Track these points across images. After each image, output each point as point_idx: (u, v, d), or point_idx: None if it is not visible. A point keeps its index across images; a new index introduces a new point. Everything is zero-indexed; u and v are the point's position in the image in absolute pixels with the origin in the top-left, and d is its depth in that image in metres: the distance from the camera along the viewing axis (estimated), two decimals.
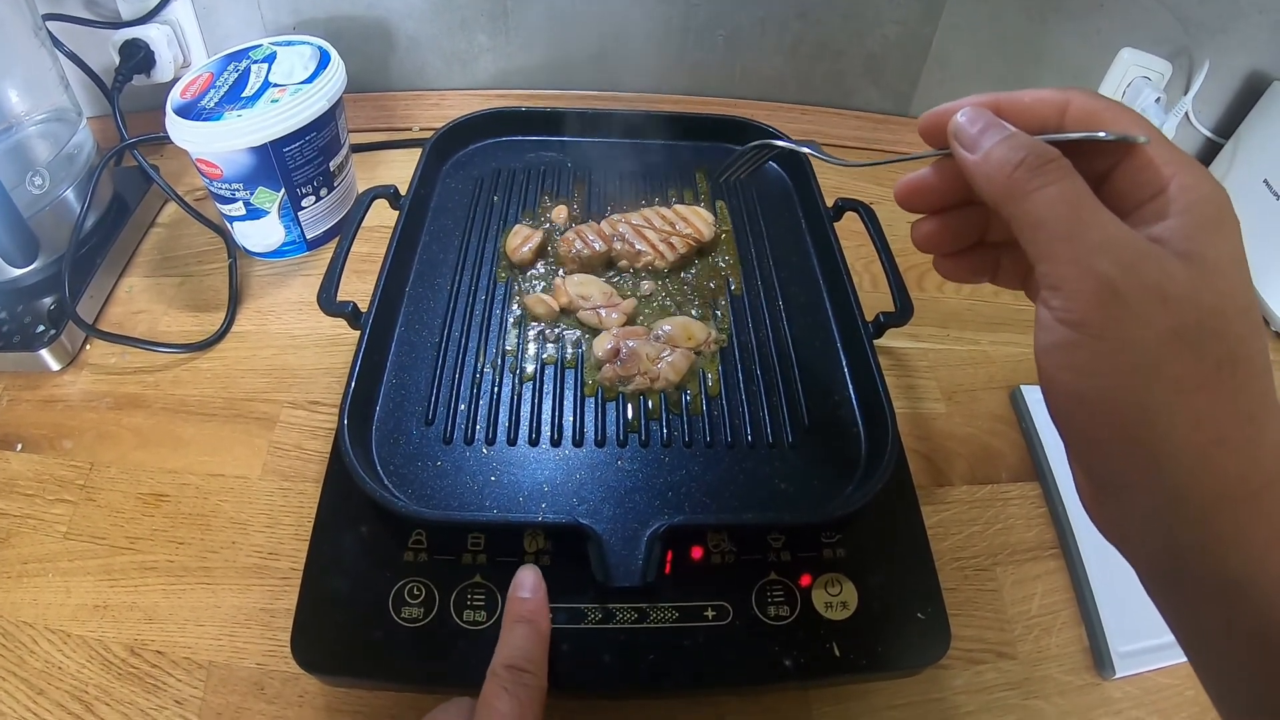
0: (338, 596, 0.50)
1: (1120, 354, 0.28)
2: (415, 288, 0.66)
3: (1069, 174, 0.30)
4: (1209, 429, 0.28)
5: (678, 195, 0.77)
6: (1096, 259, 0.28)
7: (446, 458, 0.55)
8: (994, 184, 0.32)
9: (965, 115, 0.34)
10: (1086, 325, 0.29)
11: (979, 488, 0.67)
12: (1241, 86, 0.94)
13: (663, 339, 0.61)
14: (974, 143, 0.33)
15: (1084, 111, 0.33)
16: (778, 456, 0.56)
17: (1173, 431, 0.28)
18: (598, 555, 0.49)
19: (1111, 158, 0.32)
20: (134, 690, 0.53)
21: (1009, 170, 0.31)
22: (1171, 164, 0.31)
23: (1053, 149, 0.31)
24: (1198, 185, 0.30)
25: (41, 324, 0.70)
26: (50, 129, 0.74)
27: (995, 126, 0.33)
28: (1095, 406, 0.30)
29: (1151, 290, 0.28)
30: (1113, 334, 0.28)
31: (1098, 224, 0.29)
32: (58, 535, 0.60)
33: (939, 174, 0.38)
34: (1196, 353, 0.28)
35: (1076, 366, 0.30)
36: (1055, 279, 0.30)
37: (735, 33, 0.96)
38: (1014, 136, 0.32)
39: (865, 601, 0.51)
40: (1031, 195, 0.30)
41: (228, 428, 0.67)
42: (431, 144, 0.75)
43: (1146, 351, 0.28)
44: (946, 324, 0.80)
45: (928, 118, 0.36)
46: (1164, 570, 0.32)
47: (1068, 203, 0.30)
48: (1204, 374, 0.28)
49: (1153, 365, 0.28)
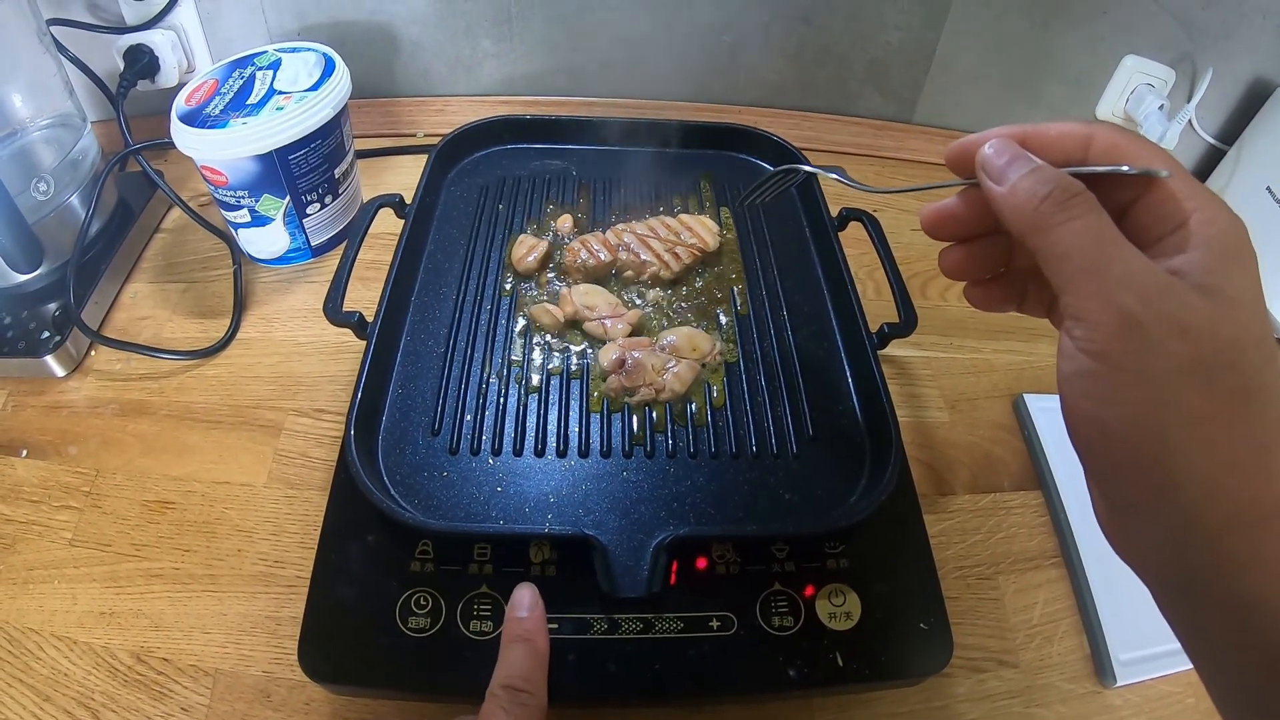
0: (344, 605, 0.50)
1: (1139, 384, 0.29)
2: (421, 297, 0.66)
3: (1094, 208, 0.31)
4: (1222, 456, 0.29)
5: (682, 204, 0.77)
6: (1119, 292, 0.29)
7: (453, 468, 0.55)
8: (1020, 216, 0.32)
9: (992, 147, 0.34)
10: (1107, 356, 0.30)
11: (981, 496, 0.67)
12: (1245, 93, 0.94)
13: (667, 350, 0.61)
14: (1001, 174, 0.33)
15: (1108, 145, 0.33)
16: (782, 467, 0.56)
17: (1187, 458, 0.29)
18: (603, 566, 0.49)
19: (1133, 191, 0.33)
20: (140, 697, 0.53)
21: (1035, 203, 0.32)
22: (1192, 198, 0.31)
23: (1078, 183, 0.32)
24: (1217, 219, 0.31)
25: (46, 330, 0.70)
26: (55, 134, 0.74)
27: (1022, 159, 0.33)
28: (1113, 433, 0.31)
29: (1171, 323, 0.29)
30: (1132, 365, 0.29)
31: (1120, 258, 0.30)
32: (63, 542, 0.60)
33: (966, 203, 0.38)
34: (1212, 383, 0.29)
35: (1097, 395, 0.31)
36: (1078, 310, 0.30)
37: (739, 39, 0.96)
38: (1040, 169, 0.32)
39: (869, 611, 0.51)
40: (1057, 228, 0.31)
41: (233, 435, 0.67)
42: (436, 152, 0.75)
43: (1164, 382, 0.29)
44: (949, 332, 0.80)
45: (955, 148, 0.37)
46: (1177, 590, 0.32)
47: (1092, 236, 0.30)
48: (1219, 404, 0.29)
49: (1170, 395, 0.29)
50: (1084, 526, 0.63)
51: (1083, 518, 0.64)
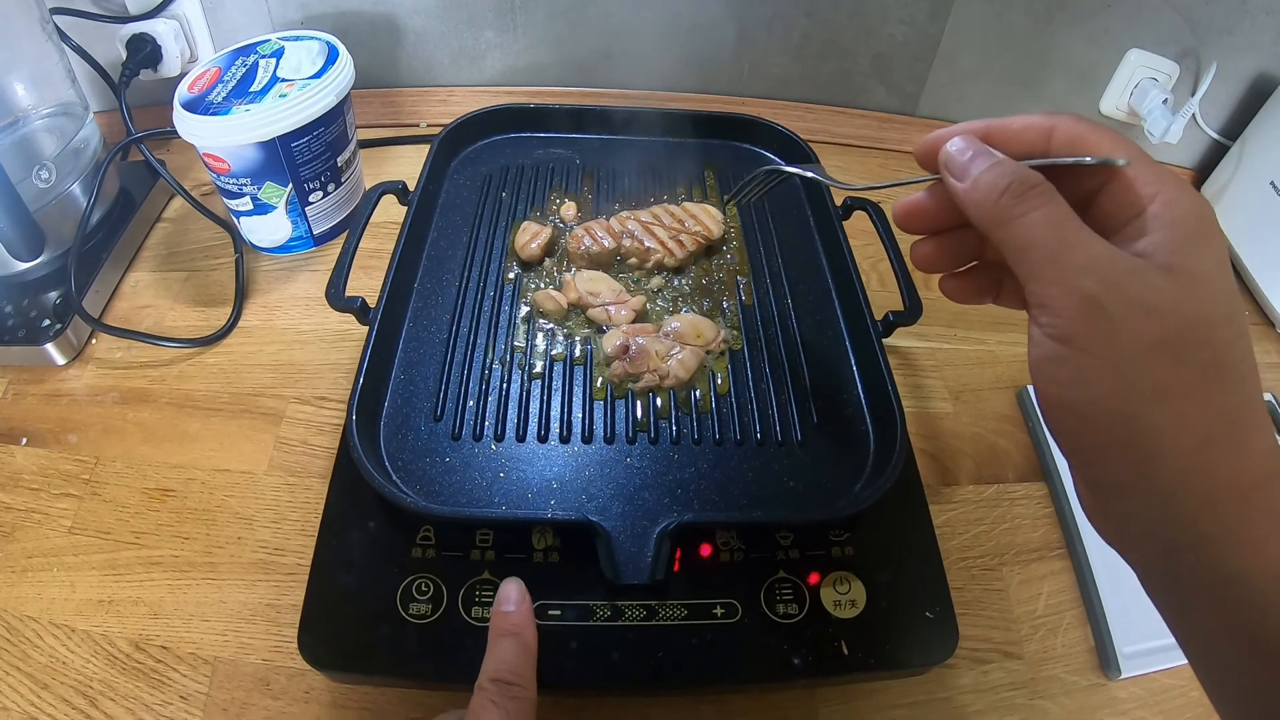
0: (345, 592, 0.50)
1: (1107, 366, 0.30)
2: (423, 283, 0.66)
3: (1052, 198, 0.32)
4: (1196, 432, 0.29)
5: (686, 193, 0.77)
6: (1080, 278, 0.30)
7: (455, 454, 0.55)
8: (982, 210, 0.33)
9: (955, 144, 0.35)
10: (1073, 340, 0.30)
11: (986, 487, 0.67)
12: (1248, 88, 0.94)
13: (671, 336, 0.60)
14: (963, 171, 0.34)
15: (1069, 136, 0.34)
16: (786, 454, 0.56)
17: (1161, 436, 0.30)
18: (606, 552, 0.49)
19: (1097, 179, 0.34)
20: (139, 685, 0.53)
21: (995, 197, 0.33)
22: (1154, 182, 0.32)
23: (1036, 175, 0.33)
24: (1179, 200, 0.31)
25: (47, 318, 0.70)
26: (57, 123, 0.74)
27: (983, 155, 0.34)
28: (1086, 416, 0.31)
29: (1135, 304, 0.29)
30: (1099, 347, 0.30)
31: (1080, 244, 0.31)
32: (63, 530, 0.60)
33: (935, 198, 0.39)
34: (1181, 361, 0.29)
35: (1066, 379, 0.31)
36: (1042, 298, 0.31)
37: (743, 30, 0.96)
38: (1000, 164, 0.33)
39: (873, 600, 0.51)
40: (1017, 220, 0.32)
41: (234, 423, 0.67)
42: (440, 140, 0.75)
43: (1132, 362, 0.30)
44: (953, 323, 0.80)
45: (922, 144, 0.38)
46: (1161, 570, 0.33)
47: (1051, 226, 0.31)
48: (1189, 381, 0.29)
49: (1139, 375, 0.30)
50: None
51: None
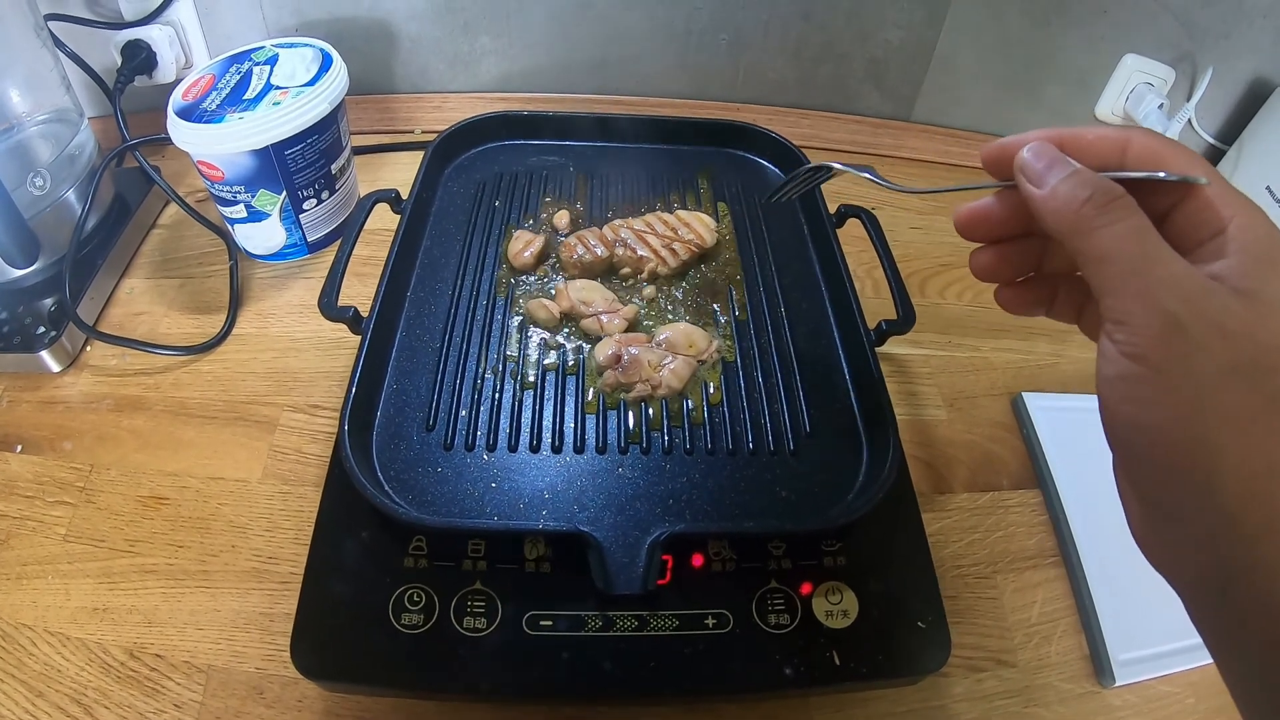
0: (338, 602, 0.50)
1: (1180, 387, 0.29)
2: (416, 292, 0.66)
3: (1135, 211, 0.31)
4: (1261, 459, 0.29)
5: (680, 200, 0.77)
6: (1162, 295, 0.29)
7: (447, 464, 0.55)
8: (1061, 219, 0.33)
9: (1031, 150, 0.35)
10: (1150, 359, 0.30)
11: (980, 495, 0.67)
12: (1244, 93, 0.94)
13: (664, 346, 0.60)
14: (1040, 178, 0.34)
15: (1146, 151, 0.34)
16: (779, 464, 0.56)
17: (1226, 460, 0.29)
18: (598, 562, 0.49)
19: (1171, 197, 0.33)
20: (133, 693, 0.53)
21: (1076, 206, 0.32)
22: (1230, 205, 0.32)
23: (1118, 186, 0.32)
24: (1255, 226, 0.31)
25: (42, 325, 0.70)
26: (51, 129, 0.74)
27: (1061, 163, 0.34)
28: (1155, 436, 0.31)
29: (1212, 326, 0.29)
30: (1174, 368, 0.29)
31: (1163, 261, 0.30)
32: (57, 537, 0.60)
33: (1001, 205, 0.38)
34: (1252, 387, 0.29)
35: (1138, 398, 0.31)
36: (1121, 313, 0.31)
37: (738, 36, 0.96)
38: (1080, 173, 0.33)
39: (866, 610, 0.51)
40: (1099, 231, 0.31)
41: (228, 431, 0.67)
42: (434, 147, 0.75)
43: (1205, 385, 0.29)
44: (948, 330, 0.80)
45: (992, 149, 0.37)
46: (1210, 594, 0.32)
47: (1134, 238, 0.31)
48: (1258, 407, 0.29)
49: (1211, 398, 0.29)
50: (1083, 526, 0.63)
51: (1082, 517, 0.63)
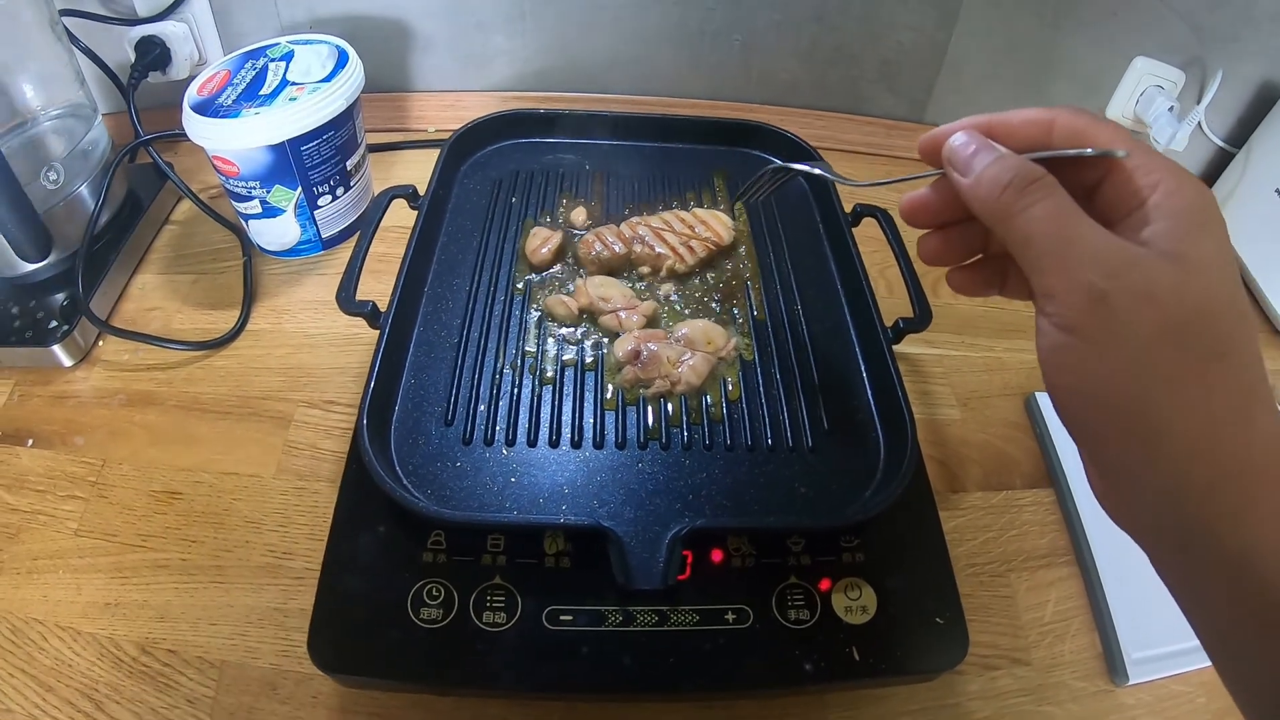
0: (355, 596, 0.50)
1: (1113, 353, 0.31)
2: (434, 288, 0.66)
3: (1054, 191, 0.33)
4: (1202, 416, 0.30)
5: (696, 198, 0.77)
6: (1083, 269, 0.31)
7: (466, 458, 0.55)
8: (986, 205, 0.34)
9: (959, 139, 0.36)
10: (1079, 329, 0.31)
11: (994, 494, 0.67)
12: (1254, 96, 0.94)
13: (682, 342, 0.61)
14: (966, 165, 0.35)
15: (1069, 129, 0.35)
16: (797, 460, 0.56)
17: (1169, 421, 0.30)
18: (618, 557, 0.48)
19: (1099, 170, 0.34)
20: (145, 689, 0.53)
21: (998, 191, 0.33)
22: (1155, 171, 0.33)
23: (1039, 168, 0.33)
24: (1180, 189, 0.32)
25: (54, 320, 0.70)
26: (65, 125, 0.74)
27: (986, 149, 0.35)
28: (1094, 402, 0.32)
29: (1138, 292, 0.30)
30: (1104, 336, 0.31)
31: (1082, 236, 0.31)
32: (69, 532, 0.60)
33: (939, 192, 0.40)
34: (1185, 347, 0.30)
35: (1074, 368, 0.32)
36: (1048, 289, 0.32)
37: (751, 37, 0.96)
38: (1003, 158, 0.34)
39: (884, 606, 0.51)
40: (1020, 214, 0.33)
41: (241, 426, 0.67)
42: (450, 144, 0.75)
43: (1138, 349, 0.30)
44: (961, 330, 0.80)
45: (926, 140, 0.38)
46: (1173, 552, 0.33)
47: (1054, 218, 0.32)
48: (1193, 366, 0.30)
49: (1145, 361, 0.30)
50: (1096, 525, 0.63)
51: (1095, 516, 0.63)
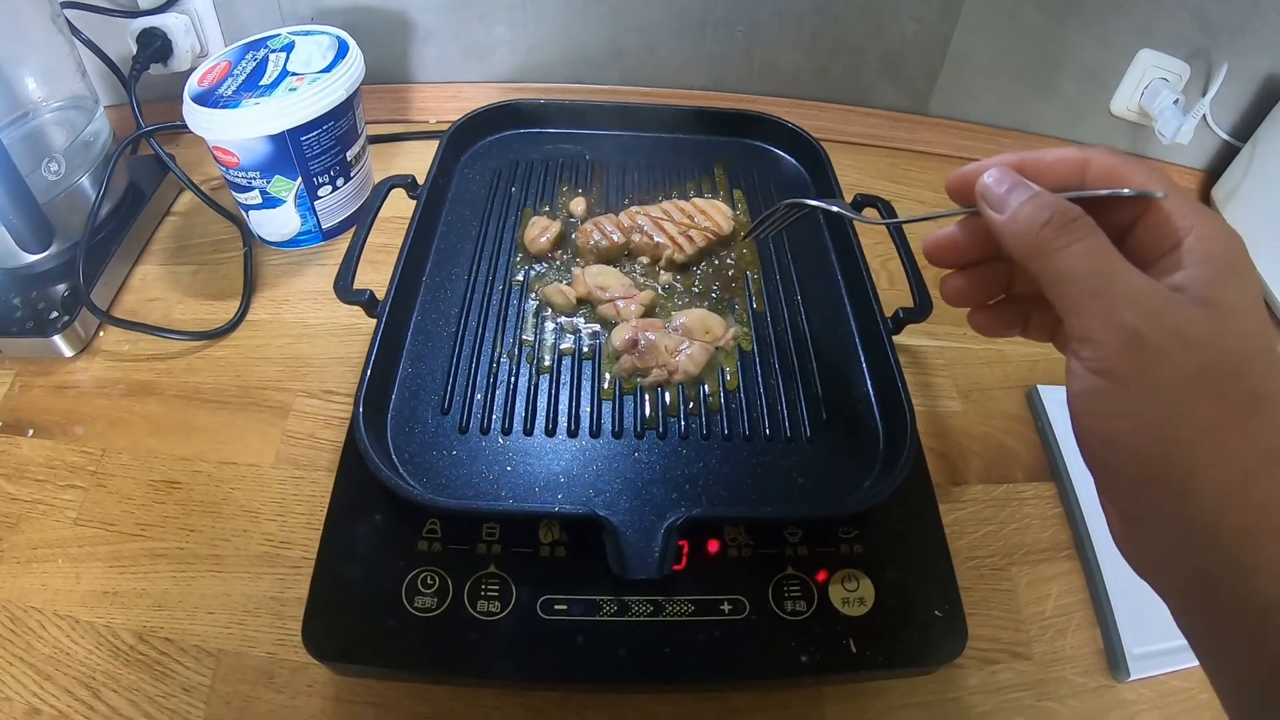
0: (350, 585, 0.49)
1: (1147, 398, 0.30)
2: (432, 277, 0.66)
3: (1093, 231, 0.32)
4: (1234, 465, 0.29)
5: (696, 189, 0.77)
6: (1122, 311, 0.30)
7: (462, 447, 0.55)
8: (1021, 242, 0.33)
9: (992, 176, 0.35)
10: (1114, 373, 0.31)
11: (995, 487, 0.67)
12: (1260, 89, 0.93)
13: (680, 331, 0.60)
14: (1001, 202, 0.34)
15: (1104, 169, 0.34)
16: (795, 451, 0.56)
17: (1199, 468, 0.30)
18: (614, 547, 0.48)
19: (1132, 212, 0.34)
20: (142, 677, 0.53)
21: (1036, 229, 0.33)
22: (1189, 216, 0.32)
23: (1076, 207, 0.33)
24: (1214, 235, 0.32)
25: (55, 310, 0.70)
26: (67, 116, 0.74)
27: (1021, 186, 0.34)
28: (1126, 447, 0.31)
29: (1174, 337, 0.30)
30: (1139, 380, 0.30)
31: (1121, 277, 0.31)
32: (68, 521, 0.60)
33: (967, 231, 0.39)
34: (1219, 393, 0.29)
35: (1106, 411, 0.31)
36: (1084, 331, 0.31)
37: (753, 27, 0.96)
38: (1039, 195, 0.33)
39: (882, 598, 0.51)
40: (1058, 253, 0.32)
41: (240, 416, 0.67)
42: (450, 134, 0.75)
43: (1171, 394, 0.30)
44: (963, 322, 0.76)
45: (955, 177, 0.38)
46: (1193, 599, 0.32)
47: (1093, 258, 0.32)
48: (1227, 413, 0.29)
49: (1178, 407, 0.30)
50: (1098, 519, 0.62)
51: (1097, 511, 0.62)
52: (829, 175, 0.74)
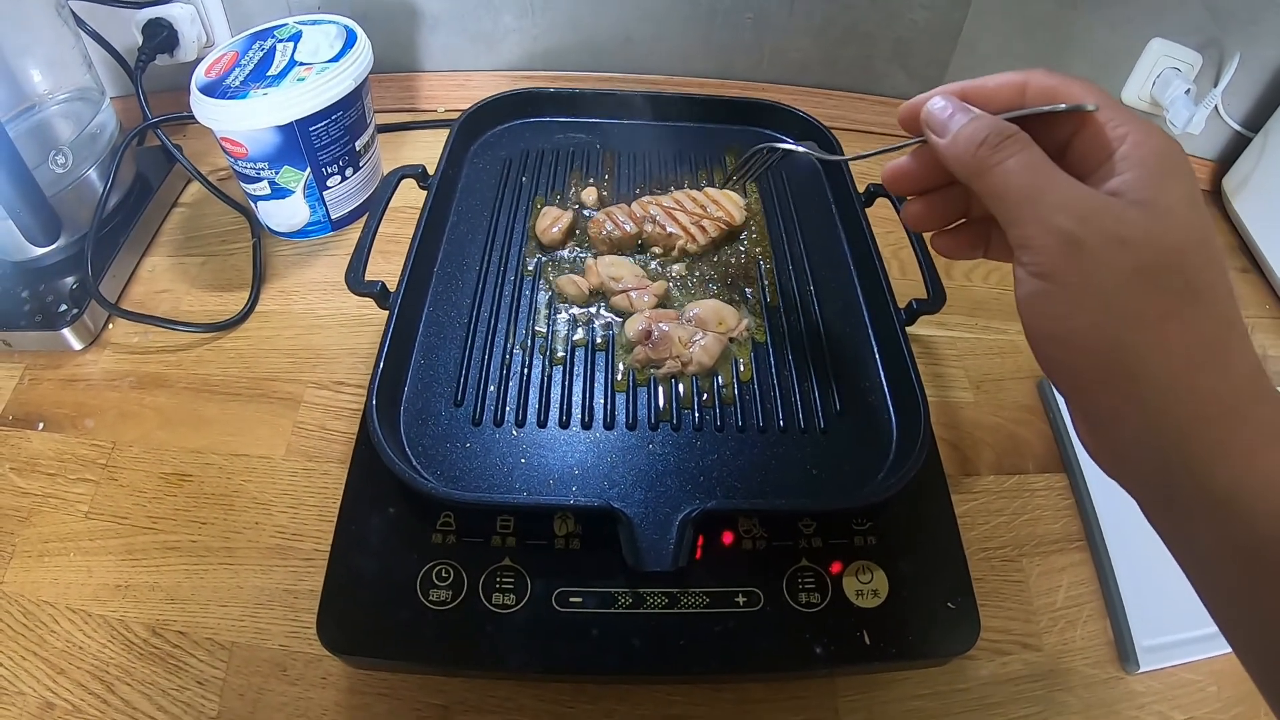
0: (364, 578, 0.49)
1: (1088, 297, 0.32)
2: (443, 268, 0.65)
3: (1026, 145, 0.34)
4: (1178, 355, 0.31)
5: (707, 178, 0.76)
6: (1056, 216, 0.32)
7: (475, 439, 0.54)
8: (962, 163, 0.35)
9: (935, 104, 0.38)
10: (1054, 275, 0.32)
11: (1006, 478, 0.67)
12: (1272, 79, 0.92)
13: (694, 322, 0.60)
14: (943, 127, 0.37)
15: (1041, 89, 0.36)
16: (809, 442, 0.56)
17: (1146, 360, 0.31)
18: (629, 539, 0.48)
19: (1070, 127, 0.36)
20: (155, 670, 0.53)
21: (974, 149, 0.35)
22: (1123, 125, 0.34)
23: (1011, 125, 0.35)
24: (1148, 140, 0.33)
25: (64, 303, 0.70)
26: (73, 108, 0.74)
27: (961, 111, 0.36)
28: (1072, 345, 0.33)
29: (1109, 237, 0.31)
30: (1078, 279, 0.32)
31: (1054, 186, 0.33)
32: (79, 514, 0.60)
33: (919, 159, 0.41)
34: (1157, 287, 0.31)
35: (1051, 313, 0.33)
36: (1023, 238, 0.33)
37: (763, 14, 0.95)
38: (978, 118, 0.36)
39: (896, 590, 0.51)
40: (995, 168, 0.34)
41: (251, 408, 0.67)
42: (459, 124, 0.74)
43: (1112, 291, 0.31)
44: (974, 313, 0.79)
45: (905, 109, 0.40)
46: (1158, 493, 0.34)
47: (1026, 171, 0.33)
48: (1167, 305, 0.31)
49: (1119, 303, 0.31)
50: (1109, 511, 0.63)
51: (1108, 502, 0.63)
52: (842, 164, 0.73)
